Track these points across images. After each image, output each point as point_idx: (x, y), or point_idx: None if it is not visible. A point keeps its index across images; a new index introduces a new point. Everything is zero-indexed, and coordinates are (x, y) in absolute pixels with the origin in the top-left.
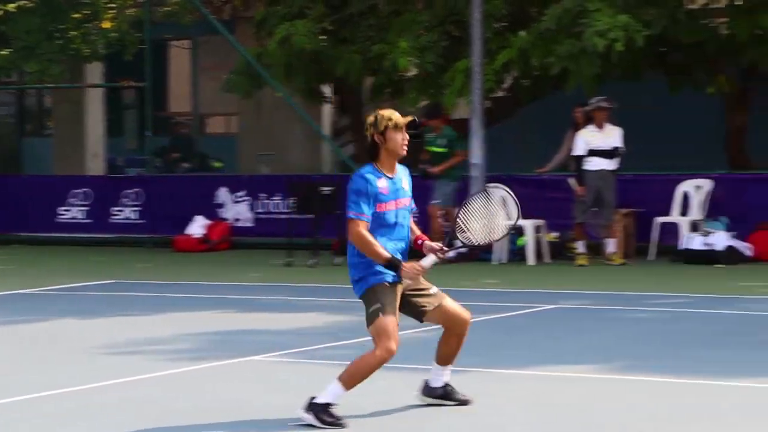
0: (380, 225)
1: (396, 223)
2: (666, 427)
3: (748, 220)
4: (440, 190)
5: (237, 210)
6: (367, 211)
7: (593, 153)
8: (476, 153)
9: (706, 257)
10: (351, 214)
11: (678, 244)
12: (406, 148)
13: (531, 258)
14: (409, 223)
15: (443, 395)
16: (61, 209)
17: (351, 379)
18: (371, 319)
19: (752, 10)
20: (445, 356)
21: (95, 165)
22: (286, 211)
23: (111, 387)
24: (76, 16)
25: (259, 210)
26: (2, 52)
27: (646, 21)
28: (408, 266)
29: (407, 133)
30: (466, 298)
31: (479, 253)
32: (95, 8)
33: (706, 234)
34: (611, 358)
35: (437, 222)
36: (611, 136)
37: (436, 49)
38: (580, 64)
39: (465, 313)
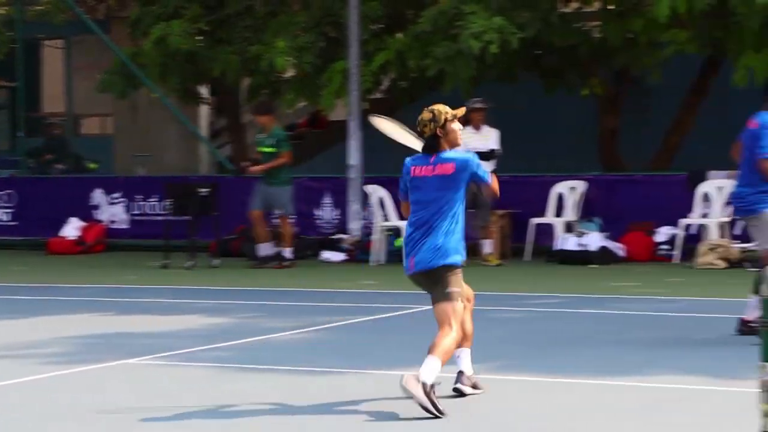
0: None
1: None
2: (541, 426)
3: (620, 221)
4: (279, 198)
5: (112, 212)
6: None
7: None
8: (353, 155)
9: (580, 258)
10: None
11: (553, 244)
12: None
13: None
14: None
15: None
16: None
17: (447, 356)
18: (454, 297)
19: (623, 15)
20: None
21: None
22: (162, 212)
23: None
24: None
25: (135, 212)
26: None
27: (520, 24)
28: None
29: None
30: (343, 300)
31: (357, 254)
32: None
33: (580, 235)
34: (487, 358)
35: (286, 229)
36: (488, 138)
37: (314, 50)
38: (456, 66)
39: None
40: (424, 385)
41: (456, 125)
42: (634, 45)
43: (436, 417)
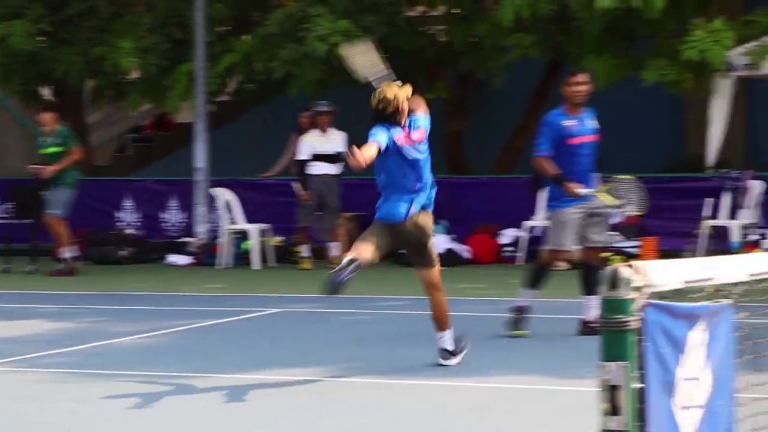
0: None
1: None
2: (384, 427)
3: (466, 223)
4: (56, 198)
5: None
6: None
7: (317, 157)
8: (200, 157)
9: None
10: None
11: None
12: None
13: (256, 262)
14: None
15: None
16: None
17: (447, 319)
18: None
19: (468, 19)
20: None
21: None
22: (4, 216)
23: None
24: None
25: None
26: None
27: (366, 27)
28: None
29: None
30: (189, 303)
31: (204, 258)
32: None
33: None
34: (333, 360)
35: (59, 230)
36: (334, 141)
37: (159, 52)
38: (302, 69)
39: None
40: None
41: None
42: (479, 49)
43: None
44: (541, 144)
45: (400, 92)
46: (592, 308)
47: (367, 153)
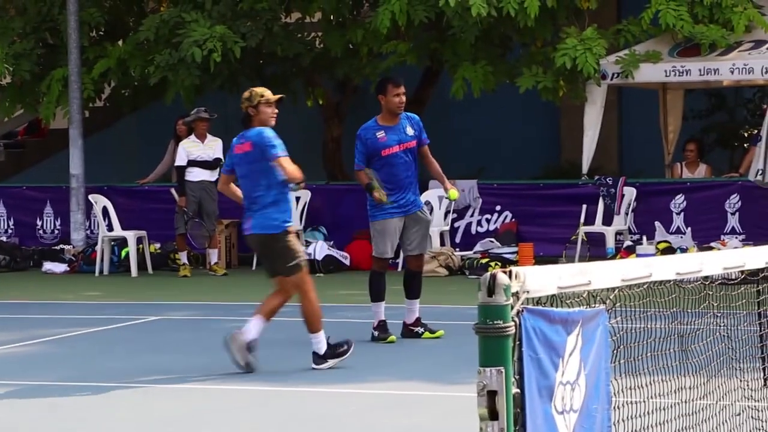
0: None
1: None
2: None
3: (345, 230)
4: None
5: None
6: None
7: (195, 164)
8: (75, 163)
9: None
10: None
11: None
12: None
13: (134, 269)
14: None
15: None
16: None
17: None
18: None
19: (344, 26)
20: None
21: None
22: None
23: None
24: None
25: None
26: None
27: (242, 33)
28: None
29: None
30: (66, 311)
31: (80, 265)
32: None
33: (306, 244)
34: (214, 368)
35: None
36: (212, 147)
37: (32, 57)
38: (178, 74)
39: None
40: None
41: (269, 108)
42: (356, 55)
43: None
44: (357, 158)
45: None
46: (414, 312)
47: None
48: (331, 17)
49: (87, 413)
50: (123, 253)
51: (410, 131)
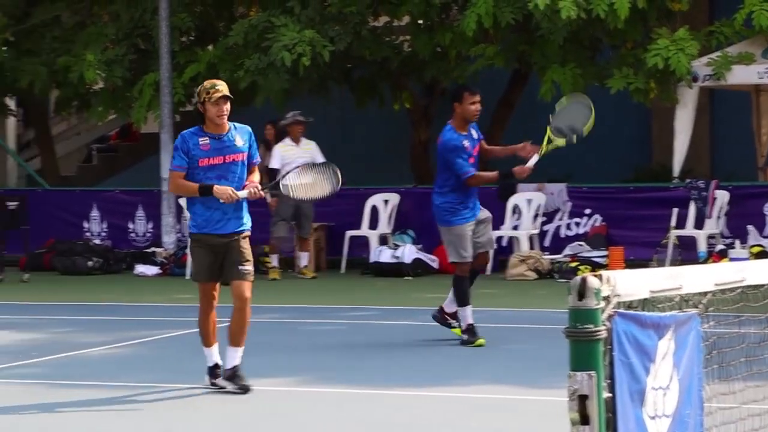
0: (205, 179)
1: (220, 176)
2: None
3: (433, 233)
4: None
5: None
6: (182, 163)
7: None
8: (166, 167)
9: (395, 270)
10: (170, 167)
11: (368, 257)
12: (223, 118)
13: None
14: (242, 175)
15: (229, 377)
16: None
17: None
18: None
19: (432, 29)
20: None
21: None
22: None
23: None
24: None
25: None
26: None
27: (331, 37)
28: (218, 189)
29: None
30: (158, 314)
31: (171, 268)
32: None
33: (395, 247)
34: (302, 370)
35: None
36: (308, 150)
37: (124, 63)
38: (268, 79)
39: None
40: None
41: (215, 108)
42: (443, 58)
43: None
44: (463, 167)
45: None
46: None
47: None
48: (420, 20)
49: (176, 414)
50: None
51: (475, 134)
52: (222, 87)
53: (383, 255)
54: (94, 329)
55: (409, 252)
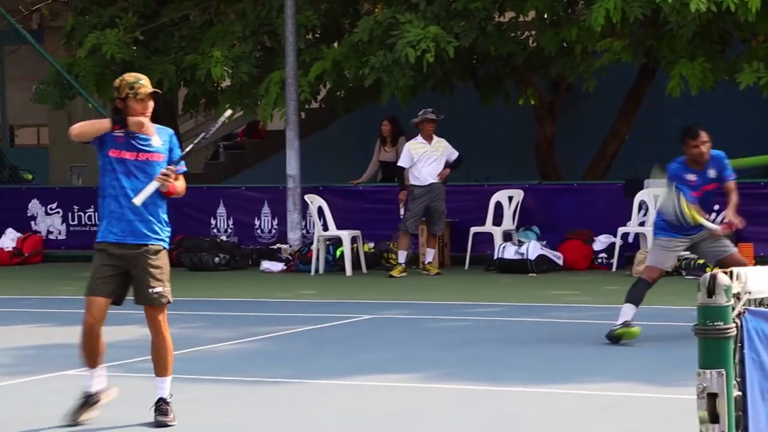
0: (125, 171)
1: (136, 175)
2: None
3: (558, 230)
4: None
5: (49, 222)
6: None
7: (421, 165)
8: (292, 164)
9: (519, 266)
10: None
11: (492, 253)
12: (147, 116)
13: (348, 269)
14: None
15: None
16: None
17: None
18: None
19: (558, 24)
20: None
21: None
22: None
23: None
24: None
25: (72, 222)
26: None
27: (456, 33)
28: (131, 119)
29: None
30: (283, 310)
31: (297, 264)
32: None
33: (519, 243)
34: (425, 366)
35: None
36: (439, 148)
37: (250, 60)
38: (393, 76)
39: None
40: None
41: (139, 105)
42: (569, 54)
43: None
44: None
45: None
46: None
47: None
48: (545, 15)
49: (302, 410)
50: (338, 253)
51: (713, 174)
52: (146, 82)
53: (507, 251)
54: (220, 325)
55: (533, 248)
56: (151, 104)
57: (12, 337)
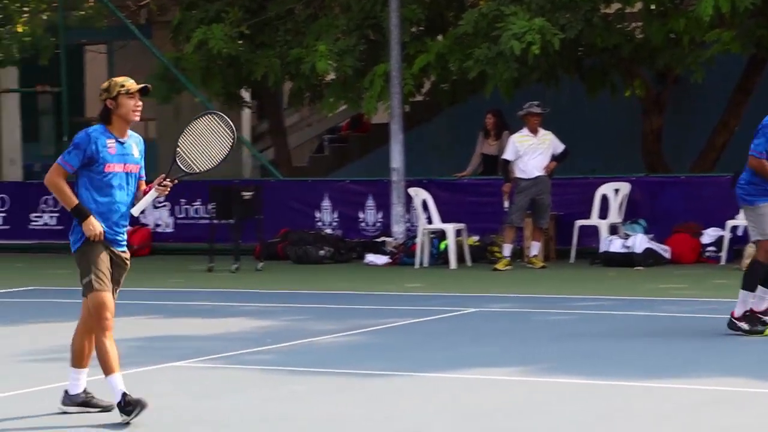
0: (106, 185)
1: (120, 186)
2: (584, 429)
3: (665, 223)
4: None
5: (157, 215)
6: (74, 163)
7: (527, 158)
8: (396, 157)
9: (626, 260)
10: (59, 159)
11: (598, 246)
12: (137, 114)
13: (453, 262)
14: (134, 190)
15: (83, 402)
16: None
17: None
18: (85, 289)
19: (666, 15)
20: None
21: (12, 171)
22: (206, 216)
23: (34, 394)
24: None
25: (180, 215)
26: None
27: (561, 25)
28: (92, 221)
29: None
30: (387, 303)
31: (401, 257)
32: (8, 12)
33: (626, 237)
34: (531, 360)
35: None
36: (545, 141)
37: (355, 53)
38: (497, 68)
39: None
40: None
41: (132, 101)
42: (677, 45)
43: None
44: (759, 145)
45: None
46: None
47: None
48: (652, 6)
49: (406, 403)
50: (442, 246)
51: None
52: (133, 81)
53: (613, 245)
54: (325, 317)
55: (640, 242)
56: (139, 103)
57: (121, 328)
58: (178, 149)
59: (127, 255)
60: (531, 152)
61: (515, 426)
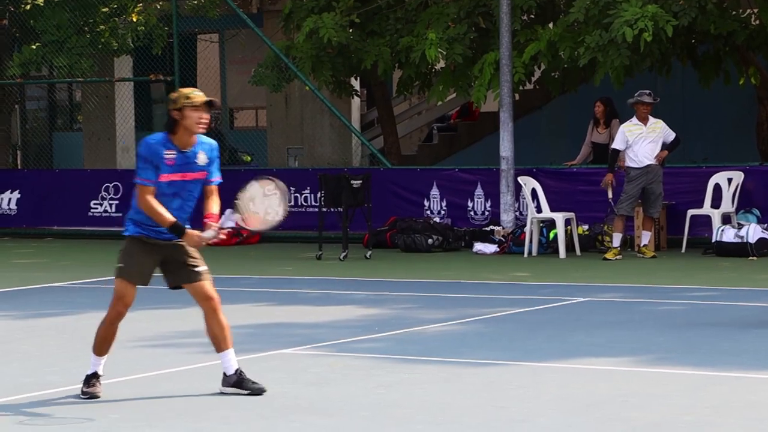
0: (160, 193)
1: (176, 194)
2: (697, 420)
3: None
4: None
5: (267, 203)
6: (149, 176)
7: (639, 147)
8: (505, 146)
9: (739, 250)
10: (137, 180)
11: (710, 236)
12: (202, 126)
13: (562, 251)
14: (197, 195)
15: (237, 383)
16: (92, 203)
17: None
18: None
19: None
20: (215, 342)
21: (126, 159)
22: (316, 204)
23: (140, 380)
24: (104, 10)
25: (289, 203)
26: (32, 47)
27: (674, 11)
28: (192, 233)
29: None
30: (496, 291)
31: (510, 246)
32: (123, 2)
33: (739, 227)
34: (642, 350)
35: None
36: (655, 131)
37: (465, 41)
38: (608, 56)
39: (211, 294)
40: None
41: (196, 113)
42: None
43: None
44: None
45: None
46: None
47: None
48: None
49: (515, 392)
50: (551, 235)
51: None
52: (201, 93)
53: (726, 234)
54: (433, 306)
55: (753, 231)
56: (207, 115)
57: (231, 315)
58: (238, 202)
59: (177, 241)
60: (640, 141)
61: (627, 416)
